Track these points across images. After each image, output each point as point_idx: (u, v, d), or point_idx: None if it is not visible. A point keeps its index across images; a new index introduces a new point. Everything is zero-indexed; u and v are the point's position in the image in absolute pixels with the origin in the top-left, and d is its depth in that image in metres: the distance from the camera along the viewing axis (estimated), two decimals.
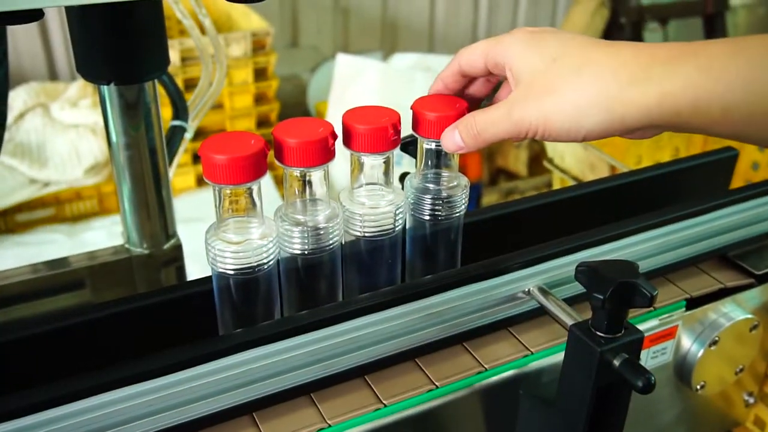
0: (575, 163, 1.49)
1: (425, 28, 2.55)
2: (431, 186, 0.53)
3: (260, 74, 1.81)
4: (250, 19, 1.85)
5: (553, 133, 0.43)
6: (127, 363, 0.42)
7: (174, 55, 1.63)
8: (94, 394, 0.41)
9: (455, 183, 0.54)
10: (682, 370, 0.64)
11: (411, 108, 0.51)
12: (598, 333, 0.45)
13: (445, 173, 0.53)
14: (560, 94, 0.42)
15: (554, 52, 0.44)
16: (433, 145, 0.52)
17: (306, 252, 0.48)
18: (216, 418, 0.45)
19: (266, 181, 1.37)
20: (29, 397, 0.40)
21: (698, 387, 0.65)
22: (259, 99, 1.84)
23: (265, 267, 0.46)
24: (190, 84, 1.66)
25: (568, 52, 0.43)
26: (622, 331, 0.45)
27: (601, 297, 0.42)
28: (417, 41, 2.54)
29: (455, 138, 0.47)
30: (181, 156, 0.82)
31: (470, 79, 0.52)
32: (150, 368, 0.42)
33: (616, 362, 0.44)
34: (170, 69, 0.68)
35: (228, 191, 0.44)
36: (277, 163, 0.46)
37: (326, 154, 0.45)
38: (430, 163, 0.53)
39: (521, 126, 0.44)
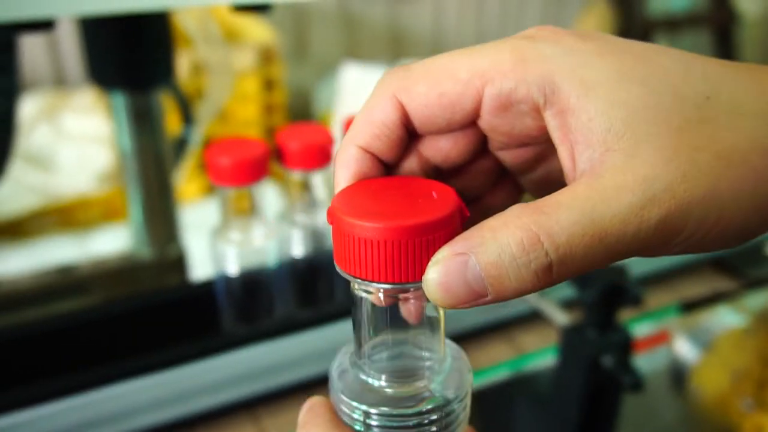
0: None
1: (431, 37, 2.57)
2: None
3: (268, 84, 1.83)
4: (258, 30, 1.87)
5: (719, 239, 0.21)
6: (135, 357, 0.44)
7: (184, 65, 1.65)
8: (101, 385, 0.43)
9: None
10: (678, 375, 0.65)
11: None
12: (589, 333, 0.46)
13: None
14: (742, 160, 0.20)
15: (697, 86, 0.21)
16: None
17: (306, 253, 0.50)
18: (216, 413, 0.47)
19: (272, 187, 1.37)
20: (35, 389, 0.42)
21: (694, 392, 0.66)
22: (267, 109, 1.86)
23: (267, 268, 0.48)
24: (200, 94, 1.68)
25: (718, 84, 0.22)
26: (613, 333, 0.46)
27: (591, 298, 0.44)
28: (423, 50, 2.55)
29: (478, 280, 0.21)
30: (189, 164, 0.84)
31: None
32: (155, 362, 0.44)
33: (607, 362, 0.45)
34: (180, 79, 0.70)
35: (232, 193, 0.46)
36: (280, 167, 0.48)
37: (323, 158, 0.47)
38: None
39: (671, 226, 0.20)
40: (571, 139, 0.22)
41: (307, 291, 0.51)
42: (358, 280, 0.22)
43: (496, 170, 0.27)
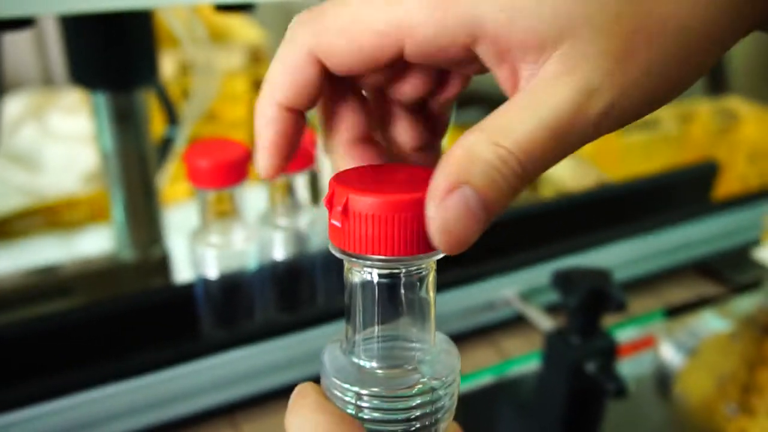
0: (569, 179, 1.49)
1: None
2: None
3: (257, 85, 1.82)
4: (247, 30, 1.86)
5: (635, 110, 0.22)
6: (113, 361, 0.43)
7: (171, 66, 1.64)
8: (79, 390, 0.42)
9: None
10: (663, 380, 0.65)
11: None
12: (573, 339, 0.45)
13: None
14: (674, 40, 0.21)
15: None
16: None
17: (288, 257, 0.49)
18: (195, 419, 0.46)
19: (254, 189, 1.37)
20: (12, 392, 0.41)
21: (679, 398, 0.66)
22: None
23: (247, 270, 0.47)
24: (187, 94, 1.67)
25: None
26: (597, 338, 0.46)
27: (574, 303, 0.43)
28: None
29: (469, 201, 0.21)
30: (174, 166, 0.83)
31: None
32: (132, 367, 0.43)
33: (590, 368, 0.45)
34: (167, 79, 0.69)
35: (212, 195, 0.46)
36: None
37: (305, 161, 0.47)
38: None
39: (609, 115, 0.22)
40: (508, 61, 0.22)
41: (288, 295, 0.51)
42: (353, 256, 0.22)
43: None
